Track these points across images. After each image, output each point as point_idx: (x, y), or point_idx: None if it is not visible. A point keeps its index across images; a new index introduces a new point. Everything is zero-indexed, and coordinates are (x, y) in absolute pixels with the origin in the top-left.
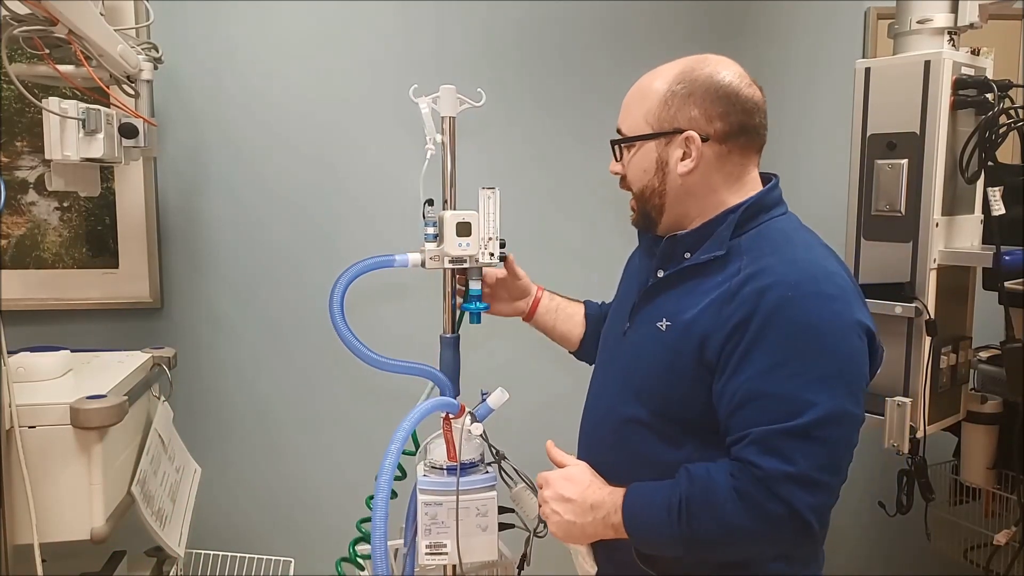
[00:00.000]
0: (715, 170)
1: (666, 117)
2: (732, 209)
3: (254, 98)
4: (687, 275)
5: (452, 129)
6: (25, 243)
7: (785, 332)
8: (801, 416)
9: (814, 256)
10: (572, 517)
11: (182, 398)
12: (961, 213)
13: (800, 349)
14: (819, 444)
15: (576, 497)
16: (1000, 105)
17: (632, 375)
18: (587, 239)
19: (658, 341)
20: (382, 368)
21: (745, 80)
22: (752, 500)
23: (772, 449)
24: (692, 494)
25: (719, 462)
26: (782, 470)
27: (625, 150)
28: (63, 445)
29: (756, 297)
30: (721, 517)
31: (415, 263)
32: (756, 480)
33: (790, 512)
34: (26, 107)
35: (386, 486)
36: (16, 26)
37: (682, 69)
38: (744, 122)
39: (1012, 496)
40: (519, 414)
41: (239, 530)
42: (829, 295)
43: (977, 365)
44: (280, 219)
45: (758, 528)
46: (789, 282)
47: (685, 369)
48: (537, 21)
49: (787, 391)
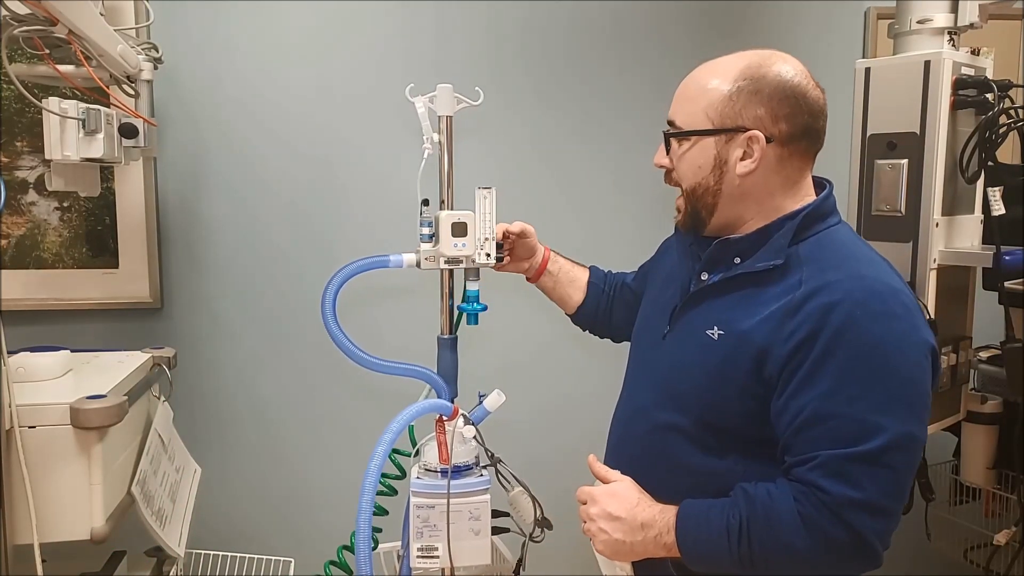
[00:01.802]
0: (774, 172)
1: (730, 114)
2: (790, 216)
3: (254, 98)
4: (741, 283)
5: (449, 128)
6: (25, 243)
7: (853, 353)
8: (869, 441)
9: (879, 272)
10: (621, 536)
11: (182, 398)
12: (961, 213)
13: (868, 371)
14: (886, 469)
15: (625, 515)
16: (1000, 105)
17: (673, 381)
18: (588, 239)
19: (708, 349)
20: (374, 369)
21: (811, 81)
22: (817, 525)
23: (839, 474)
24: (753, 516)
25: (779, 483)
26: (849, 496)
27: (676, 143)
28: (63, 445)
29: (822, 314)
30: (784, 541)
31: (410, 264)
32: (822, 504)
33: (855, 538)
34: (26, 107)
35: (371, 488)
36: (16, 26)
37: (748, 63)
38: (809, 125)
39: (1012, 496)
40: (519, 417)
41: (239, 530)
42: (897, 315)
43: (977, 365)
44: (280, 219)
45: (822, 553)
46: (857, 300)
47: (737, 381)
48: (537, 20)
49: (855, 414)
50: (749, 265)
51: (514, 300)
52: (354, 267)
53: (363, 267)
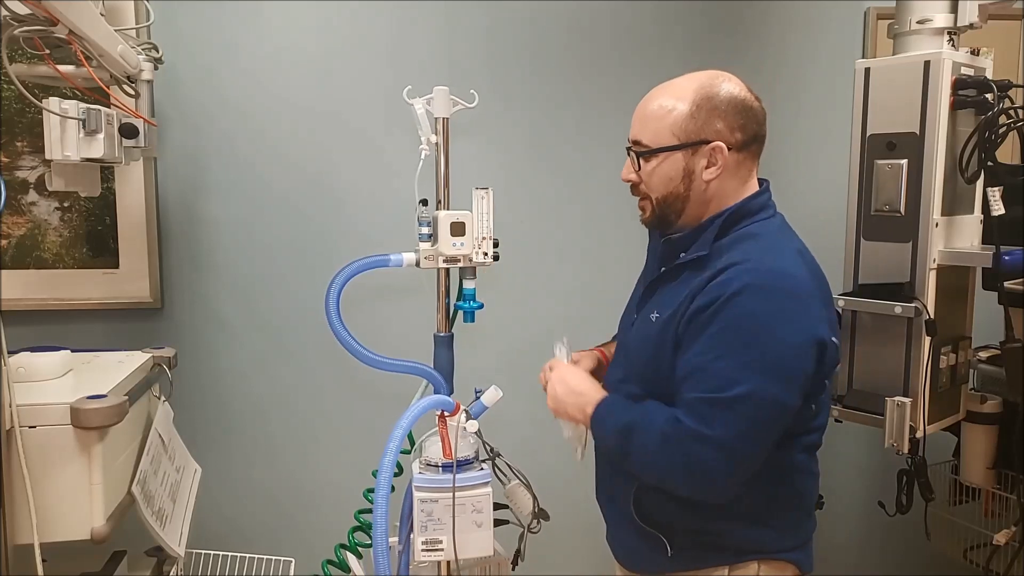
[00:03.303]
0: (732, 176)
1: (693, 129)
2: (718, 215)
3: (254, 98)
4: (677, 273)
5: (446, 130)
6: (25, 243)
7: (729, 322)
8: (725, 391)
9: (781, 261)
10: (562, 396)
11: (182, 398)
12: (961, 213)
13: (738, 337)
14: (736, 415)
15: (571, 380)
16: (1000, 105)
17: (632, 359)
18: (587, 239)
19: (650, 330)
20: (378, 367)
21: (752, 94)
22: (670, 445)
23: (696, 412)
24: (636, 424)
25: (672, 410)
26: (699, 431)
27: (644, 160)
28: (63, 445)
29: (718, 289)
30: (647, 448)
31: (409, 263)
32: (681, 432)
33: (697, 465)
34: (26, 107)
35: (385, 484)
36: (16, 26)
37: (700, 84)
38: (757, 131)
39: (1012, 496)
40: (514, 412)
41: (239, 530)
42: (778, 297)
43: (977, 365)
44: (280, 219)
45: (673, 463)
46: (745, 280)
47: (665, 353)
48: (536, 21)
49: (718, 369)
50: (685, 257)
51: (510, 298)
52: (356, 266)
53: (365, 266)
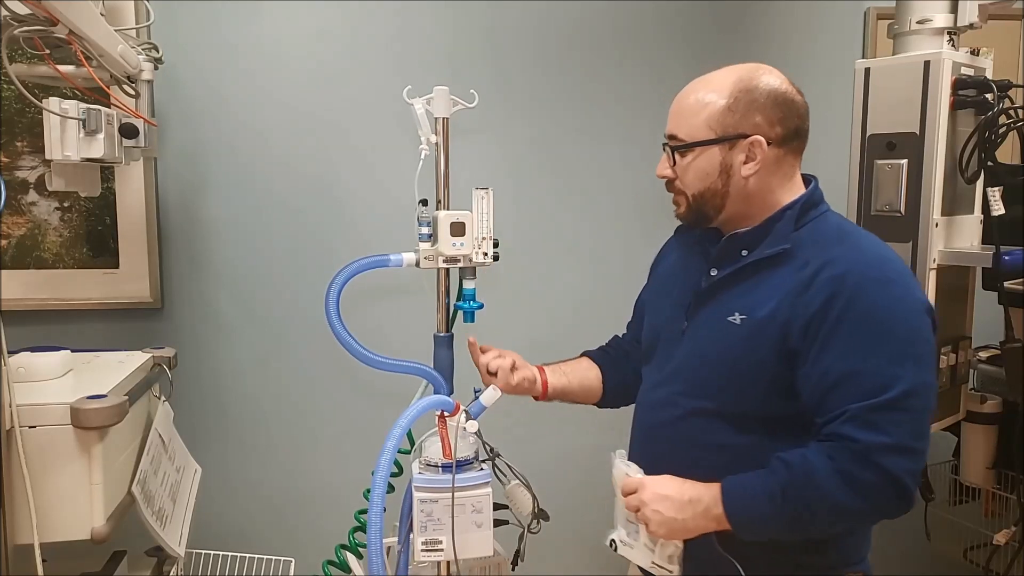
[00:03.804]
0: (773, 171)
1: (731, 123)
2: (789, 206)
3: (254, 98)
4: (751, 271)
5: (445, 130)
6: (25, 243)
7: (861, 316)
8: (889, 390)
9: (872, 245)
10: (674, 513)
11: (182, 398)
12: (961, 213)
13: (876, 330)
14: (908, 413)
15: (673, 494)
16: (1000, 105)
17: (698, 370)
18: (587, 238)
19: (730, 335)
20: (378, 367)
21: (794, 87)
22: (853, 475)
23: (867, 423)
24: (794, 480)
25: (812, 447)
26: (879, 441)
27: (680, 155)
28: (63, 445)
29: (832, 284)
30: (827, 497)
31: (409, 263)
32: (855, 454)
33: (889, 479)
34: (26, 107)
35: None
36: (16, 26)
37: (739, 76)
38: (799, 126)
39: (1012, 496)
40: (514, 412)
41: (239, 530)
42: (892, 280)
43: (977, 365)
44: (280, 219)
45: (862, 501)
46: (858, 269)
47: (764, 359)
48: (537, 21)
49: (872, 368)
50: (758, 253)
51: (509, 298)
52: (356, 266)
53: (365, 266)
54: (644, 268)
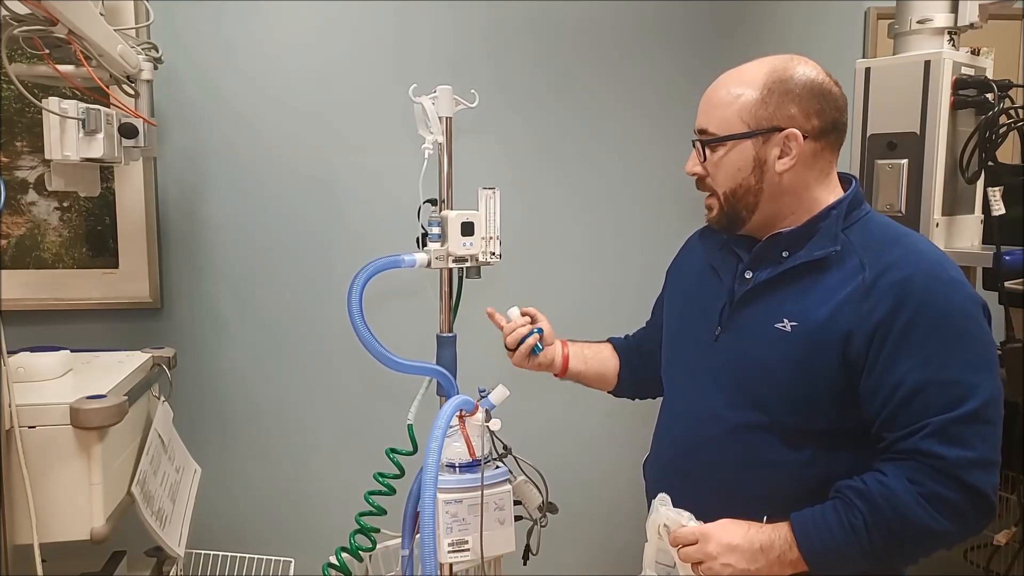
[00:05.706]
0: (810, 167)
1: (764, 115)
2: (834, 205)
3: (254, 98)
4: (797, 274)
5: (449, 129)
6: (25, 243)
7: (934, 321)
8: (970, 401)
9: (928, 246)
10: (746, 564)
11: (182, 398)
12: (961, 213)
13: (951, 336)
14: (988, 425)
15: (742, 542)
16: (1000, 105)
17: (746, 380)
18: (592, 238)
19: (783, 343)
20: (396, 369)
21: (831, 78)
22: (941, 498)
23: (952, 437)
24: (875, 511)
25: (887, 470)
26: (966, 457)
27: (710, 150)
28: (63, 445)
29: (898, 289)
30: (913, 525)
31: (422, 263)
32: (939, 473)
33: (976, 496)
34: (26, 107)
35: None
36: (16, 26)
37: (772, 67)
38: (837, 119)
39: (1012, 496)
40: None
41: (239, 530)
42: (957, 280)
43: None
44: (280, 219)
45: (953, 522)
46: (925, 272)
47: (824, 369)
48: (540, 20)
49: (951, 378)
50: (805, 255)
51: (514, 298)
52: (373, 267)
53: (381, 267)
54: (646, 266)
